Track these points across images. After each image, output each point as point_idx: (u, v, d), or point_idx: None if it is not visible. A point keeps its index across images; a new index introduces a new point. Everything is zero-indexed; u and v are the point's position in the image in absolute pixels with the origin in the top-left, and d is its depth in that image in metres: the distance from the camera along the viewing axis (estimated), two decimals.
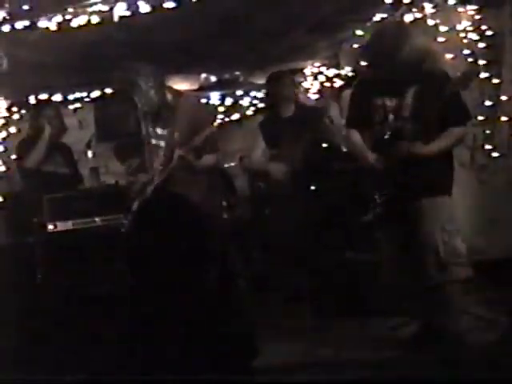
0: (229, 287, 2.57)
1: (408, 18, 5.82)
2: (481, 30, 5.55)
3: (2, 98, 7.07)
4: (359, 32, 6.28)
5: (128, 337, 2.98)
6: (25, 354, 4.28)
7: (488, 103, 5.51)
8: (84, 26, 5.08)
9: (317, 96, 7.46)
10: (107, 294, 5.06)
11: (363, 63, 5.70)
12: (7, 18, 4.94)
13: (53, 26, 5.06)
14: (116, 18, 5.03)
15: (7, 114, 7.23)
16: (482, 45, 5.54)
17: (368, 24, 6.08)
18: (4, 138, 7.16)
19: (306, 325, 4.90)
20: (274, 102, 5.95)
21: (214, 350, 2.26)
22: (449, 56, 5.61)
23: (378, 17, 5.95)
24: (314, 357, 4.20)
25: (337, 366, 3.98)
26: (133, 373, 2.32)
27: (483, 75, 5.41)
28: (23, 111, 7.24)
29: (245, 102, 7.78)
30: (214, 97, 7.62)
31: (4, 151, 7.07)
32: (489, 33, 5.52)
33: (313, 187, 5.73)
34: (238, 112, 7.81)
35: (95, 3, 4.99)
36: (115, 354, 3.71)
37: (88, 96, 7.36)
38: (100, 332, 4.27)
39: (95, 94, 7.34)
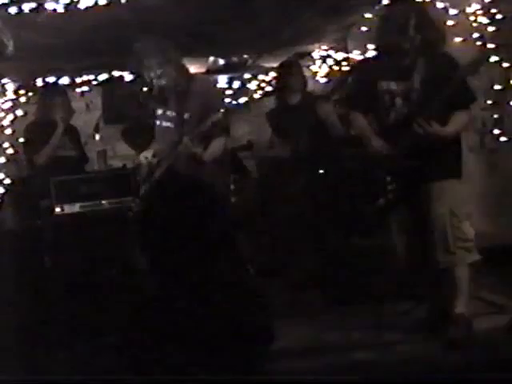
0: (238, 272, 2.57)
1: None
2: (491, 13, 5.51)
3: (9, 81, 7.05)
4: (368, 15, 6.24)
5: (134, 322, 2.99)
6: (33, 339, 4.30)
7: (497, 87, 5.48)
8: (91, 7, 5.05)
9: (325, 80, 7.43)
10: (114, 278, 5.09)
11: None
12: None
13: (60, 8, 5.03)
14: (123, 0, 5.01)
15: (14, 97, 7.22)
16: (491, 28, 5.50)
17: (377, 7, 6.03)
18: (12, 121, 7.15)
19: (316, 310, 4.90)
20: (282, 90, 5.97)
21: (228, 338, 2.27)
22: (458, 39, 5.57)
23: (386, 0, 5.90)
24: (325, 342, 4.20)
25: (346, 351, 3.99)
26: (133, 371, 2.32)
27: (493, 59, 5.36)
28: (30, 94, 7.22)
29: (252, 85, 7.75)
30: (222, 80, 7.60)
31: (11, 134, 7.08)
32: (499, 16, 5.47)
33: (320, 172, 5.73)
34: (245, 95, 7.77)
35: None
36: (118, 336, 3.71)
37: (96, 79, 7.32)
38: (105, 319, 4.27)
39: (103, 76, 7.31)
